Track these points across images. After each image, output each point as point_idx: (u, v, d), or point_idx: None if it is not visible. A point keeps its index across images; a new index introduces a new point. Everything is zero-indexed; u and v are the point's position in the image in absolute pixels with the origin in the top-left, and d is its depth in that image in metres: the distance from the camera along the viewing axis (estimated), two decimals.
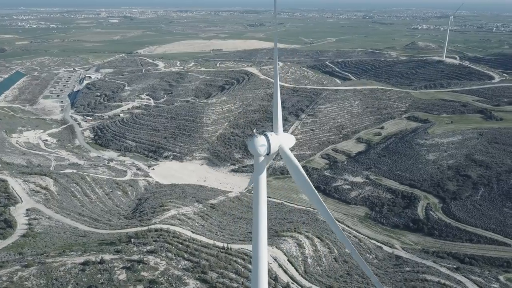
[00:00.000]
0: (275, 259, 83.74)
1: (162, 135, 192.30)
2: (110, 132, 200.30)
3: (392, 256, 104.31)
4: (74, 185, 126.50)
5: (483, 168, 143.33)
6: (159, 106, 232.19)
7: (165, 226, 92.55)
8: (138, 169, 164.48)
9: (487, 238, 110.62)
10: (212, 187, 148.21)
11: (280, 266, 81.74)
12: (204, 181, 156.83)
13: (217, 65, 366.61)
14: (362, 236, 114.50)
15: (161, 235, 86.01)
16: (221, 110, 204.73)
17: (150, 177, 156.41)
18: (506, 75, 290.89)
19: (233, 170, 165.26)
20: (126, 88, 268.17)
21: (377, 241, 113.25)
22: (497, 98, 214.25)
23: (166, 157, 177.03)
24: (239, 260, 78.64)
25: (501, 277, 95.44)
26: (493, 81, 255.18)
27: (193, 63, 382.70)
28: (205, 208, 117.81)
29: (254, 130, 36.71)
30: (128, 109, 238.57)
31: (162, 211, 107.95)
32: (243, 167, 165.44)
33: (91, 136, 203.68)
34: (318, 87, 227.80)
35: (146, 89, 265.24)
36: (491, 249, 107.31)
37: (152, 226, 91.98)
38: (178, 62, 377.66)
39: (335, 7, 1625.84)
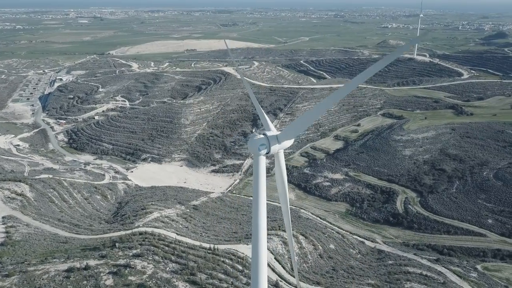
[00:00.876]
0: None
1: (139, 137, 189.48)
2: (85, 135, 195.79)
3: (374, 251, 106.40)
4: (51, 190, 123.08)
5: (457, 162, 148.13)
6: (135, 108, 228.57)
7: (149, 229, 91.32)
8: (116, 172, 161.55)
9: (464, 230, 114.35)
10: (193, 188, 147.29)
11: (267, 264, 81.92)
12: (185, 182, 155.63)
13: (192, 65, 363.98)
14: (344, 232, 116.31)
15: (146, 238, 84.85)
16: (199, 110, 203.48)
17: (129, 180, 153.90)
18: (473, 71, 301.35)
19: (213, 171, 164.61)
20: (100, 90, 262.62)
21: (359, 236, 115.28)
22: (466, 94, 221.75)
23: (144, 160, 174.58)
24: (226, 261, 78.51)
25: (478, 266, 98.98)
26: (462, 77, 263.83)
27: (167, 63, 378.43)
28: (188, 210, 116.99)
29: (254, 130, 36.91)
30: (103, 111, 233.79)
31: (144, 214, 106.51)
32: (224, 167, 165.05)
33: (65, 139, 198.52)
34: (295, 86, 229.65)
35: (120, 91, 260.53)
36: (468, 239, 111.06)
37: (136, 230, 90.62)
38: (152, 63, 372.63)
39: (307, 6, 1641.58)
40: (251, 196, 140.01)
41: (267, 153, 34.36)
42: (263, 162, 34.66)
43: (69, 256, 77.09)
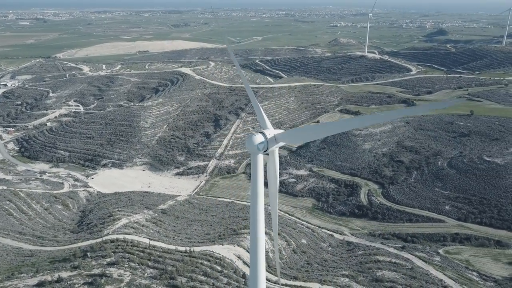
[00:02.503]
0: (238, 257, 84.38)
1: (97, 143, 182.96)
2: (38, 143, 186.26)
3: (343, 243, 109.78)
4: (8, 202, 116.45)
5: (413, 153, 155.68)
6: (90, 112, 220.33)
7: (120, 236, 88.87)
8: (76, 180, 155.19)
9: (424, 217, 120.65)
10: (158, 192, 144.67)
11: (245, 263, 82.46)
12: (149, 187, 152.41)
13: (146, 66, 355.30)
14: (313, 226, 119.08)
15: (119, 245, 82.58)
16: (158, 112, 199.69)
17: (90, 187, 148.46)
18: (420, 67, 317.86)
19: (178, 174, 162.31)
20: (51, 95, 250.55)
21: (328, 229, 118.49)
22: (416, 88, 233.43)
23: (104, 165, 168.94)
24: (204, 262, 78.14)
25: (440, 251, 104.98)
26: (411, 73, 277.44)
27: (119, 65, 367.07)
28: (156, 214, 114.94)
29: (251, 129, 37.15)
30: (55, 117, 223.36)
31: (112, 221, 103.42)
32: (188, 169, 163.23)
33: (16, 148, 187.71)
34: (254, 86, 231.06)
35: (73, 95, 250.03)
36: (429, 226, 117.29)
37: (107, 237, 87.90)
38: (104, 66, 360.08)
39: (257, 6, 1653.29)
40: (219, 197, 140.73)
41: (264, 151, 34.91)
42: (261, 160, 35.14)
43: (38, 270, 73.55)
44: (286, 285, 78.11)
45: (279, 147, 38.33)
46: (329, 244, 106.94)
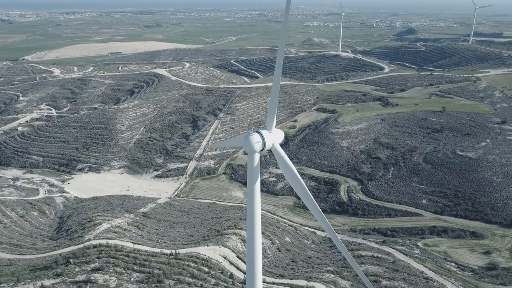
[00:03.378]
0: (224, 258, 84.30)
1: (72, 147, 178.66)
2: (10, 149, 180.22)
3: (326, 239, 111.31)
4: None
5: (389, 149, 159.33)
6: (63, 116, 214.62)
7: (103, 241, 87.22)
8: (51, 185, 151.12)
9: (403, 211, 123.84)
10: (138, 195, 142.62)
11: (231, 263, 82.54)
12: (128, 190, 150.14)
13: (120, 68, 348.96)
14: (295, 224, 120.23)
15: (102, 250, 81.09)
16: (134, 114, 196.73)
17: (67, 192, 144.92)
18: (392, 65, 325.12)
19: (157, 176, 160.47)
20: (21, 98, 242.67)
21: (310, 227, 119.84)
22: (390, 86, 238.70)
23: (81, 170, 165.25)
24: (191, 264, 77.71)
25: (419, 243, 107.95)
26: (384, 71, 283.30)
27: (91, 67, 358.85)
28: (138, 218, 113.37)
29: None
30: (27, 121, 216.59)
31: (93, 226, 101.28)
32: (167, 171, 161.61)
33: None
34: (231, 86, 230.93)
35: (45, 99, 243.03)
36: (407, 220, 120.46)
37: (89, 243, 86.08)
38: (76, 68, 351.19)
39: (230, 6, 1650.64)
40: (200, 199, 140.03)
41: (261, 150, 35.17)
42: (257, 159, 35.34)
43: (19, 279, 71.44)
44: (273, 283, 78.68)
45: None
46: (313, 241, 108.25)
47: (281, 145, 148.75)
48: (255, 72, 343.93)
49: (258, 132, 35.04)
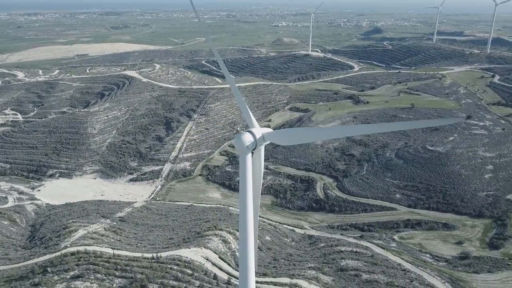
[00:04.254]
0: (207, 259, 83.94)
1: (41, 152, 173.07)
2: None
3: (305, 237, 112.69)
4: None
5: (362, 146, 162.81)
6: (30, 121, 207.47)
7: (81, 248, 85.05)
8: (21, 193, 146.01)
9: (378, 206, 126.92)
10: (113, 200, 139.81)
11: (214, 264, 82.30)
12: (102, 195, 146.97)
13: (87, 70, 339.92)
14: (274, 222, 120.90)
15: (81, 257, 79.07)
16: (106, 118, 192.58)
17: (38, 199, 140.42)
18: (361, 64, 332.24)
19: (131, 180, 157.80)
20: None
21: (288, 225, 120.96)
22: (360, 84, 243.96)
23: (51, 176, 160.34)
24: (174, 267, 76.99)
25: (395, 237, 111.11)
26: (354, 70, 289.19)
27: (57, 70, 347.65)
28: (115, 223, 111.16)
29: (238, 128, 37.45)
30: None
31: (68, 233, 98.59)
32: (142, 175, 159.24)
33: None
34: (204, 87, 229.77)
35: (9, 103, 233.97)
36: (383, 215, 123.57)
37: (66, 250, 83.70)
38: (41, 71, 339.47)
39: (198, 7, 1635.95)
40: (177, 201, 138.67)
41: (252, 150, 35.49)
42: (249, 160, 35.58)
43: None
44: (257, 282, 78.89)
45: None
46: (292, 239, 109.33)
47: None
48: None
49: (249, 131, 35.44)
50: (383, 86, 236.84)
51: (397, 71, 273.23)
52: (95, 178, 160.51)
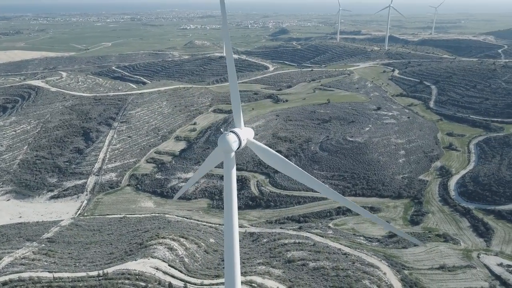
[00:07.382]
0: (157, 269, 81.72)
1: None
2: None
3: (247, 234, 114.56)
4: None
5: (288, 142, 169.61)
6: None
7: (12, 276, 77.41)
8: None
9: (310, 197, 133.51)
10: (35, 221, 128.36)
11: (165, 273, 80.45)
12: (20, 217, 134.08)
13: None
14: (214, 224, 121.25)
15: (15, 286, 72.07)
16: (14, 132, 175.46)
17: None
18: (275, 64, 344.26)
19: (52, 197, 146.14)
20: None
21: None
22: (278, 83, 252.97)
23: None
24: (125, 281, 73.86)
25: (330, 224, 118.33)
26: (269, 70, 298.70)
27: None
28: (44, 245, 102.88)
29: (222, 129, 37.49)
30: None
31: None
32: (64, 191, 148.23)
33: None
34: (121, 93, 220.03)
35: None
36: (316, 205, 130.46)
37: None
38: None
39: (99, 10, 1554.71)
40: (108, 214, 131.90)
41: (238, 148, 36.00)
42: (233, 159, 35.98)
43: None
44: (211, 284, 79.02)
45: None
46: None
47: (185, 150, 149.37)
48: (141, 78, 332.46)
49: (232, 131, 35.89)
50: (299, 84, 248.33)
51: (310, 69, 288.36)
52: (8, 200, 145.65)
